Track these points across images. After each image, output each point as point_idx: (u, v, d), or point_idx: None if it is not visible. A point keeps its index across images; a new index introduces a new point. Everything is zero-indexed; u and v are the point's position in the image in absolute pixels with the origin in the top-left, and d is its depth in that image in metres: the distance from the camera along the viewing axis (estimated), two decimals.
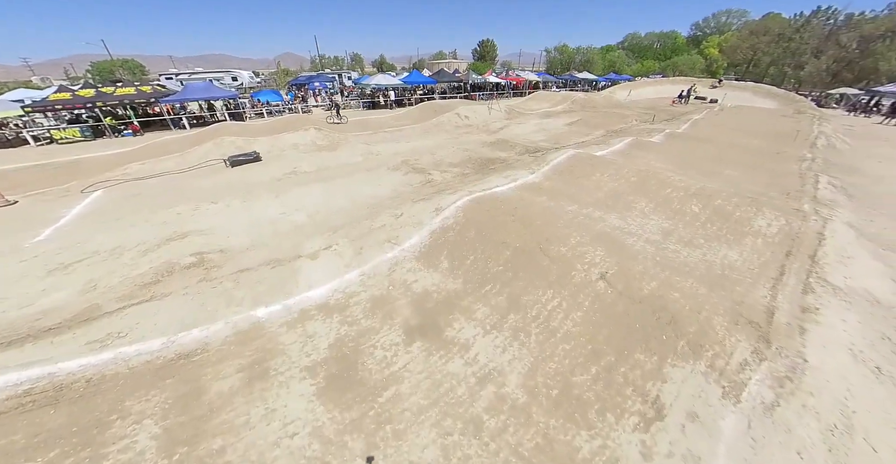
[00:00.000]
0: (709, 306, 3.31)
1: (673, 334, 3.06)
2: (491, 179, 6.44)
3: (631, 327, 3.18)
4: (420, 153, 9.68)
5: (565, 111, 19.02)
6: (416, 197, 6.17)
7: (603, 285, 3.57)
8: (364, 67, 67.87)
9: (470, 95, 24.28)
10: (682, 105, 24.33)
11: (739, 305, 3.44)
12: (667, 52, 45.97)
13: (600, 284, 3.59)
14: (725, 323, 3.12)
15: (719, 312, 3.26)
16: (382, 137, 12.34)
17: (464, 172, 8.22)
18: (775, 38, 29.05)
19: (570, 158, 7.23)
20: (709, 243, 4.71)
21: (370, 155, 9.84)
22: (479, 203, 5.11)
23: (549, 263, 3.88)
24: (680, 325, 3.12)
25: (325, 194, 6.87)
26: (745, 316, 3.24)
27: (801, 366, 2.74)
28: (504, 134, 12.99)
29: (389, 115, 16.92)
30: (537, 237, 4.31)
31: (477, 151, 10.13)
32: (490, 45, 52.70)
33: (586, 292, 3.53)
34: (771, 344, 2.90)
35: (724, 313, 3.24)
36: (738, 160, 9.06)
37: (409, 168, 8.20)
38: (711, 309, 3.28)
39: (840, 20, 26.68)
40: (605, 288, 3.54)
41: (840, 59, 26.73)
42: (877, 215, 6.72)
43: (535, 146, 10.94)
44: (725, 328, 3.07)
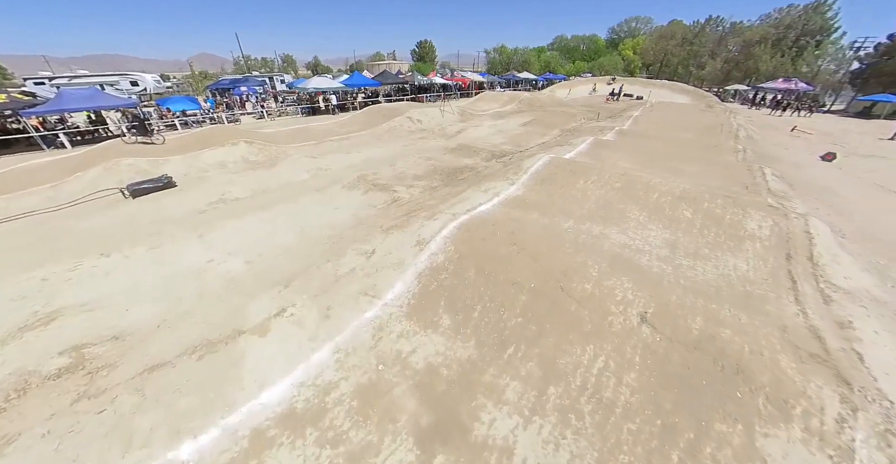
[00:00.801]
0: (764, 341, 2.87)
1: (747, 389, 2.52)
2: (469, 195, 5.63)
3: (697, 386, 2.58)
4: (377, 165, 8.52)
5: (516, 111, 19.10)
6: (386, 223, 5.11)
7: (648, 331, 2.95)
8: (297, 70, 62.87)
9: (417, 97, 23.34)
10: (615, 102, 26.28)
11: (785, 331, 3.08)
12: (591, 53, 49.95)
13: (644, 329, 2.97)
14: (793, 363, 2.68)
15: (776, 347, 2.83)
16: (329, 147, 10.84)
17: (432, 185, 7.31)
18: (680, 42, 33.15)
19: (548, 164, 6.74)
20: (714, 253, 4.45)
21: (318, 171, 8.40)
22: (470, 231, 4.26)
23: (578, 308, 3.17)
24: (749, 374, 2.61)
25: (266, 228, 5.46)
26: (803, 348, 2.86)
27: (892, 411, 2.37)
28: (463, 138, 12.34)
29: (333, 121, 15.26)
30: (552, 272, 3.58)
31: (440, 159, 9.29)
32: (428, 46, 52.21)
33: (632, 343, 2.88)
34: (851, 385, 2.51)
35: (782, 349, 2.81)
36: (689, 155, 9.49)
37: (369, 185, 7.05)
38: (768, 345, 2.84)
39: (726, 28, 31.31)
40: (652, 334, 2.93)
41: (729, 61, 31.24)
42: (817, 203, 7.31)
43: (499, 150, 10.44)
44: (796, 370, 2.62)
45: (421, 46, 51.96)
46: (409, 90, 23.48)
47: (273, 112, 18.50)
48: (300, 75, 48.07)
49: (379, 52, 64.34)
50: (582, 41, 51.52)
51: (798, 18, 25.83)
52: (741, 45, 28.82)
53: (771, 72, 26.77)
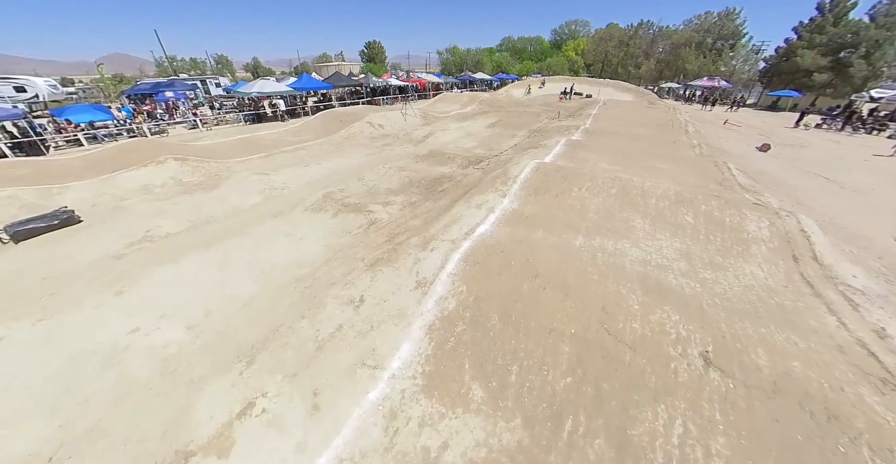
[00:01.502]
0: (836, 372, 2.56)
1: (847, 440, 2.15)
2: (460, 213, 4.95)
3: (794, 443, 2.16)
4: (343, 179, 7.50)
5: (479, 112, 18.82)
6: (369, 255, 4.25)
7: (718, 376, 2.50)
8: (235, 72, 57.37)
9: (374, 100, 22.14)
10: (568, 101, 27.30)
11: (843, 351, 2.83)
12: (538, 54, 52.00)
13: (713, 375, 2.51)
14: (875, 396, 2.39)
15: (849, 376, 2.54)
16: (283, 160, 9.47)
17: (411, 200, 6.51)
18: (617, 44, 35.66)
19: (536, 171, 6.30)
20: (727, 260, 4.25)
21: (273, 190, 7.14)
22: (479, 263, 3.57)
23: (634, 356, 2.64)
24: (842, 419, 2.24)
25: (213, 274, 4.30)
26: (871, 372, 2.60)
27: None
28: (432, 143, 11.63)
29: (284, 129, 13.67)
30: (589, 309, 3.03)
31: (413, 168, 8.49)
32: (378, 47, 50.54)
33: (707, 395, 2.40)
34: None
35: (855, 379, 2.52)
36: (657, 152, 9.73)
37: (338, 205, 6.06)
38: (841, 375, 2.54)
39: (656, 31, 34.30)
40: (723, 380, 2.48)
41: (661, 61, 34.22)
42: (779, 195, 7.72)
43: (473, 156, 9.89)
44: (883, 405, 2.32)
45: (370, 47, 50.14)
46: (364, 93, 22.17)
47: (209, 121, 16.21)
48: (239, 78, 43.82)
49: (326, 54, 61.07)
50: (528, 42, 53.40)
51: (714, 24, 29.02)
52: (670, 47, 31.69)
53: (697, 71, 29.72)
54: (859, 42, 20.99)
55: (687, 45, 29.91)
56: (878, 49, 20.98)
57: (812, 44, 22.50)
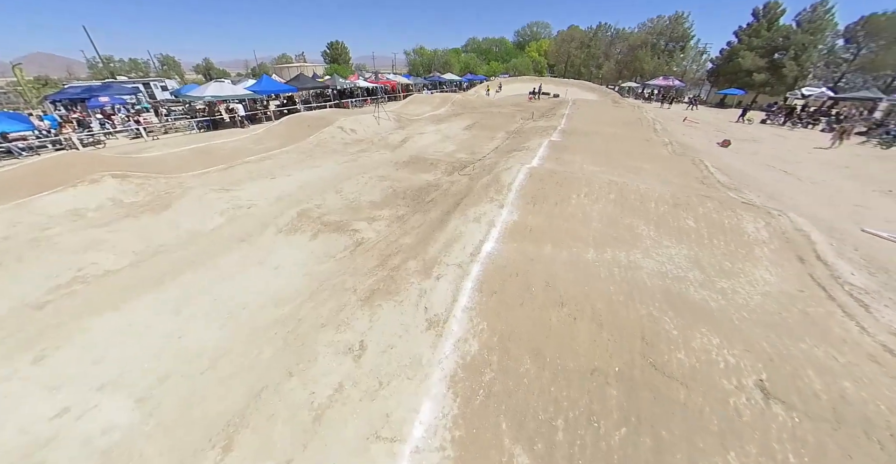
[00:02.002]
0: (884, 389, 2.42)
1: None
2: (458, 229, 4.51)
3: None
4: (318, 192, 6.78)
5: (453, 114, 18.48)
6: (361, 285, 3.69)
7: (781, 410, 2.25)
8: (184, 74, 52.81)
9: (342, 103, 21.09)
10: (537, 100, 27.77)
11: (878, 362, 2.72)
12: (503, 54, 52.85)
13: (775, 408, 2.26)
14: None
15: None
16: (246, 171, 8.48)
17: (398, 213, 5.97)
18: (579, 45, 37.01)
19: (530, 177, 6.00)
20: (736, 266, 4.16)
21: (238, 209, 6.26)
22: (495, 292, 3.15)
23: (688, 394, 2.33)
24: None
25: (166, 322, 3.54)
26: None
27: None
28: (411, 148, 11.08)
29: (244, 136, 12.47)
30: (629, 340, 2.70)
31: (394, 176, 7.92)
32: (341, 48, 48.76)
33: (775, 434, 2.13)
34: None
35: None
36: (636, 151, 9.89)
37: (316, 224, 5.39)
38: (889, 393, 2.39)
39: (614, 33, 36.01)
40: (787, 414, 2.23)
41: (620, 62, 35.93)
42: (754, 190, 8.01)
43: (457, 161, 9.49)
44: None
45: (333, 48, 48.25)
46: (331, 96, 21.04)
47: (156, 129, 14.48)
48: (189, 80, 40.35)
49: (285, 55, 57.99)
50: (493, 43, 54.10)
51: (666, 27, 30.92)
52: (627, 49, 33.35)
53: (653, 71, 31.48)
54: (789, 45, 23.20)
55: (642, 47, 31.61)
56: (805, 52, 23.30)
57: (750, 46, 24.57)
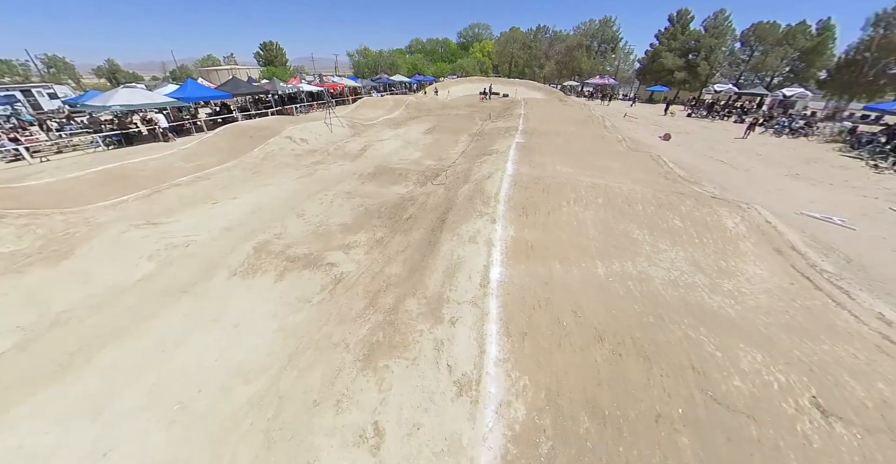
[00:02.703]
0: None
1: None
2: (454, 252, 4.00)
3: None
4: (276, 217, 5.80)
5: (410, 117, 17.83)
6: (356, 339, 3.03)
7: (842, 428, 2.10)
8: (80, 79, 44.80)
9: (285, 110, 19.26)
10: (489, 101, 28.19)
11: (885, 351, 2.77)
12: (449, 55, 53.19)
13: (838, 428, 2.11)
14: None
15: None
16: (178, 196, 7.02)
17: (376, 237, 5.28)
18: (521, 46, 38.49)
19: (514, 185, 5.69)
20: (729, 263, 4.22)
21: (172, 248, 5.01)
22: (527, 333, 2.70)
23: (758, 428, 2.09)
24: None
25: (78, 432, 2.55)
26: None
27: None
28: (373, 157, 10.26)
29: (170, 152, 10.59)
30: (680, 373, 2.42)
31: (362, 191, 7.14)
32: (276, 49, 45.07)
33: (847, 459, 1.96)
34: None
35: None
36: (598, 149, 10.19)
37: (281, 259, 4.52)
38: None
39: (552, 35, 38.02)
40: (848, 431, 2.09)
41: (559, 62, 38.00)
42: (709, 182, 8.59)
43: (426, 169, 8.93)
44: None
45: (267, 49, 44.43)
46: (272, 102, 19.09)
47: (44, 148, 11.75)
48: (88, 86, 34.29)
49: (211, 56, 52.14)
50: (437, 44, 54.18)
51: (597, 30, 33.37)
52: (565, 50, 35.38)
53: (590, 70, 33.76)
54: (700, 48, 26.34)
55: (578, 48, 33.75)
56: (712, 53, 26.63)
57: (670, 48, 27.45)
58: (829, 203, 8.47)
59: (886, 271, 5.50)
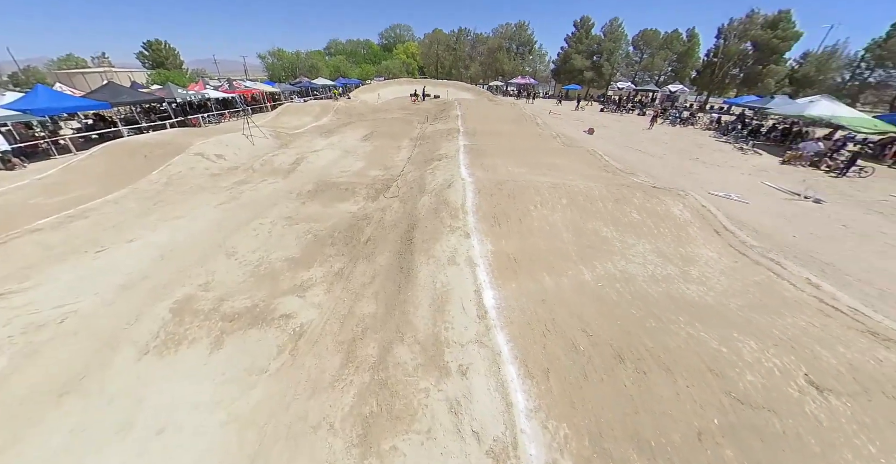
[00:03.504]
0: (857, 344, 2.73)
1: None
2: (433, 277, 3.55)
3: None
4: (196, 260, 4.61)
5: (342, 123, 16.57)
6: (343, 416, 2.41)
7: (836, 401, 2.21)
8: None
9: (188, 121, 16.32)
10: (421, 102, 27.95)
11: (830, 316, 3.15)
12: (371, 57, 51.61)
13: (834, 402, 2.22)
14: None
15: (864, 343, 2.74)
16: (40, 247, 5.09)
17: (335, 269, 4.54)
18: (446, 48, 39.09)
19: (479, 193, 5.41)
20: (686, 249, 4.52)
21: (34, 331, 3.42)
22: (549, 370, 2.37)
23: (780, 420, 2.07)
24: None
25: None
26: (867, 330, 2.90)
27: None
28: (309, 171, 9.12)
29: (18, 185, 7.98)
30: (702, 380, 2.34)
31: (304, 214, 6.19)
32: (166, 49, 38.29)
33: (848, 429, 2.05)
34: None
35: (870, 345, 2.74)
36: (539, 147, 10.59)
37: (214, 320, 3.53)
38: (862, 346, 2.71)
39: (473, 37, 39.37)
40: (842, 402, 2.20)
41: (483, 63, 39.57)
42: (639, 172, 9.47)
43: (374, 180, 8.21)
44: None
45: (153, 49, 37.48)
46: (170, 111, 15.96)
47: None
48: None
49: (72, 55, 42.09)
50: (358, 45, 52.16)
51: (514, 33, 35.52)
52: (488, 51, 36.95)
53: (512, 71, 35.80)
54: (602, 50, 29.81)
55: (499, 50, 35.52)
56: (612, 55, 30.37)
57: (578, 50, 30.52)
58: (723, 182, 10.05)
59: (784, 238, 6.59)
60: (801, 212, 8.00)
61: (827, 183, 10.22)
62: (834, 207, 8.37)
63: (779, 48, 22.23)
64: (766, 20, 22.55)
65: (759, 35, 22.43)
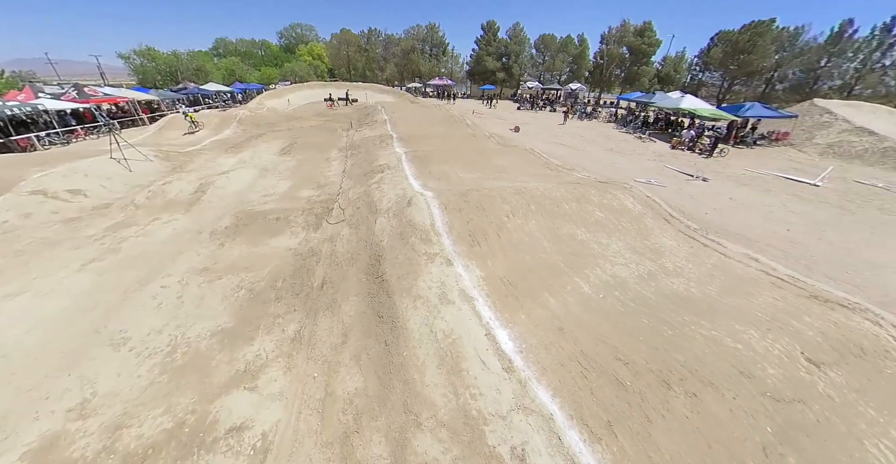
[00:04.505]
0: (827, 316, 3.04)
1: None
2: (425, 322, 2.92)
3: None
4: (59, 362, 3.07)
5: (251, 136, 14.17)
6: None
7: (832, 373, 2.33)
8: None
9: (13, 142, 11.98)
10: (339, 108, 26.03)
11: (779, 286, 3.50)
12: (271, 59, 46.36)
13: (831, 374, 2.32)
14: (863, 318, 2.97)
15: (831, 312, 3.08)
16: None
17: (288, 333, 3.58)
18: (357, 49, 37.14)
19: (447, 209, 4.85)
20: (653, 241, 4.72)
21: None
22: (608, 424, 1.96)
23: (814, 410, 2.04)
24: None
25: None
26: (818, 297, 3.28)
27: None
28: (220, 199, 7.35)
29: None
30: (741, 387, 2.21)
31: (224, 260, 4.81)
32: None
33: (853, 400, 2.16)
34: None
35: (841, 314, 3.09)
36: (479, 148, 10.50)
37: (114, 460, 2.28)
38: (828, 316, 3.03)
39: (385, 38, 38.21)
40: (836, 372, 2.33)
41: (398, 64, 38.86)
42: (576, 167, 10.03)
43: (309, 203, 6.99)
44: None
45: None
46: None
47: None
48: None
49: None
50: (253, 45, 46.32)
51: (426, 35, 35.58)
52: (402, 53, 36.34)
53: (428, 72, 35.91)
54: (509, 52, 31.90)
55: (413, 51, 35.25)
56: (518, 57, 32.76)
57: (488, 52, 32.11)
58: (638, 169, 11.41)
59: (700, 216, 7.57)
60: (699, 190, 9.43)
61: (703, 163, 12.41)
62: (715, 183, 10.11)
63: (647, 52, 26.91)
64: (636, 29, 27.01)
65: (632, 41, 26.78)
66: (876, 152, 13.13)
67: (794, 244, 6.24)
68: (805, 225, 7.22)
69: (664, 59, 29.67)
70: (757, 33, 23.59)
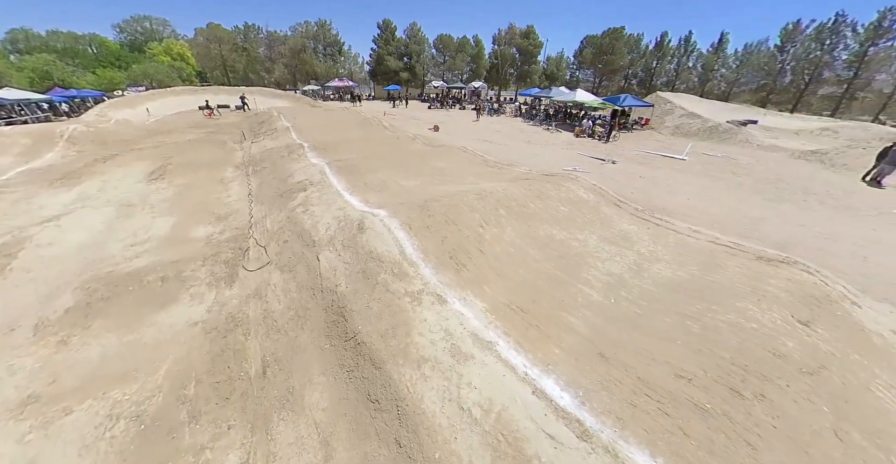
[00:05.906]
0: (775, 280, 3.35)
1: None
2: (446, 401, 2.12)
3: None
4: None
5: (95, 160, 10.38)
6: None
7: (821, 330, 2.47)
8: None
9: None
10: (220, 117, 21.78)
11: (736, 255, 3.82)
12: (109, 58, 36.24)
13: (820, 330, 2.45)
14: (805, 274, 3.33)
15: (784, 274, 3.41)
16: None
17: (223, 418, 2.25)
18: (233, 48, 31.56)
19: (413, 229, 3.96)
20: (619, 229, 4.75)
21: None
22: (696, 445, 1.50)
23: (836, 375, 2.05)
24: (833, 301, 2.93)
25: None
26: (770, 259, 3.64)
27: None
28: (51, 261, 4.91)
29: None
30: (785, 369, 2.07)
31: (75, 369, 3.04)
32: None
33: (853, 357, 2.30)
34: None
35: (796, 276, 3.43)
36: (409, 151, 9.72)
37: None
38: (787, 277, 3.35)
39: (266, 35, 33.37)
40: (824, 329, 2.48)
41: (289, 65, 34.71)
42: (513, 162, 10.08)
43: (210, 246, 5.20)
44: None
45: None
46: None
47: None
48: None
49: None
50: (78, 41, 35.42)
51: (316, 33, 32.38)
52: (290, 52, 32.42)
53: (325, 74, 33.01)
54: (410, 52, 31.53)
55: (303, 51, 31.83)
56: (420, 57, 32.68)
57: (389, 52, 31.11)
58: (557, 158, 12.27)
59: (628, 196, 8.36)
60: (614, 173, 10.52)
61: (605, 148, 14.13)
62: (622, 164, 11.50)
63: (533, 53, 29.92)
64: (521, 31, 29.69)
65: (520, 43, 29.35)
66: (705, 130, 16.98)
67: (700, 211, 7.24)
68: (696, 194, 8.55)
69: (547, 59, 33.64)
70: (614, 38, 28.69)
